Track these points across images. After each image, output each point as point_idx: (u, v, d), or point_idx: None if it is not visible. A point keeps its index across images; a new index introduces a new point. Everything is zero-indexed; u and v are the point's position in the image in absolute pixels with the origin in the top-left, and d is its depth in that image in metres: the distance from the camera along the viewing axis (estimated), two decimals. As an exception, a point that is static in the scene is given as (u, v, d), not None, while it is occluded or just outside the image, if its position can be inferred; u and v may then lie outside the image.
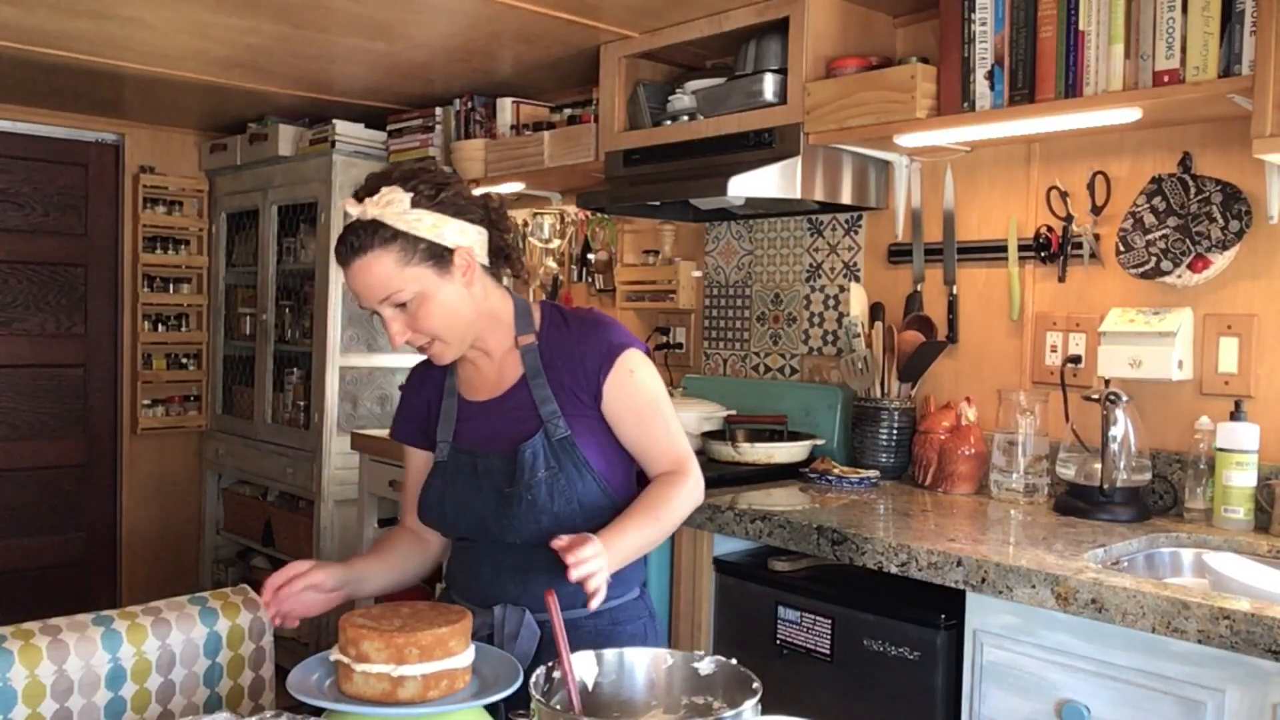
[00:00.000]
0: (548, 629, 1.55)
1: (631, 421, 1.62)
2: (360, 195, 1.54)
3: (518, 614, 1.56)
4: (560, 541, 1.42)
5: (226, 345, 4.57)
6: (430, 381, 1.75)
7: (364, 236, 1.50)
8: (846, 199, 2.58)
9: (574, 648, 1.19)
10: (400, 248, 1.50)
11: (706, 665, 1.21)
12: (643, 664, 1.24)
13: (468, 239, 1.55)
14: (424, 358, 1.70)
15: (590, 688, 1.21)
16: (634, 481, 1.69)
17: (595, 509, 1.59)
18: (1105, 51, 2.00)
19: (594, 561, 1.40)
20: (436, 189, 1.54)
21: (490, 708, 1.28)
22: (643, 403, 1.62)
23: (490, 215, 1.60)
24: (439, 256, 1.52)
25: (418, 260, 1.51)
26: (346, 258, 1.53)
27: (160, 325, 4.48)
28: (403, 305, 1.53)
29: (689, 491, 1.62)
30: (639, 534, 1.54)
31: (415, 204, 1.51)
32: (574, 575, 1.37)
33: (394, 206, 1.50)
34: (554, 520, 1.56)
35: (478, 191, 1.63)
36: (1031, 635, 1.71)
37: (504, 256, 1.64)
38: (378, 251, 1.50)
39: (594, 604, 1.41)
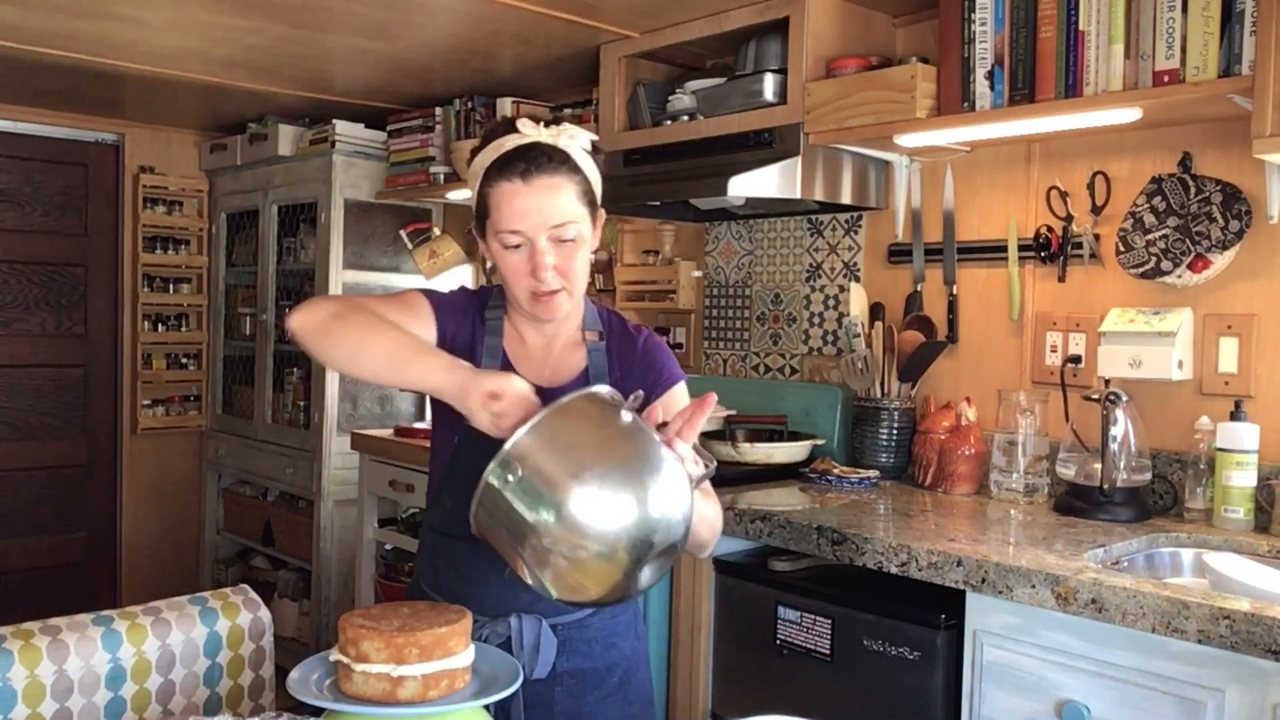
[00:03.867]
0: (560, 631, 1.52)
1: None
2: (533, 123, 1.48)
3: (535, 623, 1.48)
4: None
5: (226, 345, 4.57)
6: (471, 316, 1.59)
7: (556, 159, 1.45)
8: (846, 199, 2.58)
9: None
10: (580, 183, 1.47)
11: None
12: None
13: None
14: (468, 286, 1.60)
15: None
16: None
17: None
18: (1105, 51, 2.00)
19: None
20: (593, 144, 1.52)
21: (490, 708, 1.28)
22: None
23: None
24: (593, 207, 1.51)
25: (583, 201, 1.48)
26: (531, 172, 1.44)
27: (160, 325, 4.48)
28: (563, 241, 1.46)
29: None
30: None
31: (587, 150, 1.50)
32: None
33: (579, 141, 1.49)
34: None
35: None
36: (1031, 635, 1.71)
37: None
38: (565, 177, 1.46)
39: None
